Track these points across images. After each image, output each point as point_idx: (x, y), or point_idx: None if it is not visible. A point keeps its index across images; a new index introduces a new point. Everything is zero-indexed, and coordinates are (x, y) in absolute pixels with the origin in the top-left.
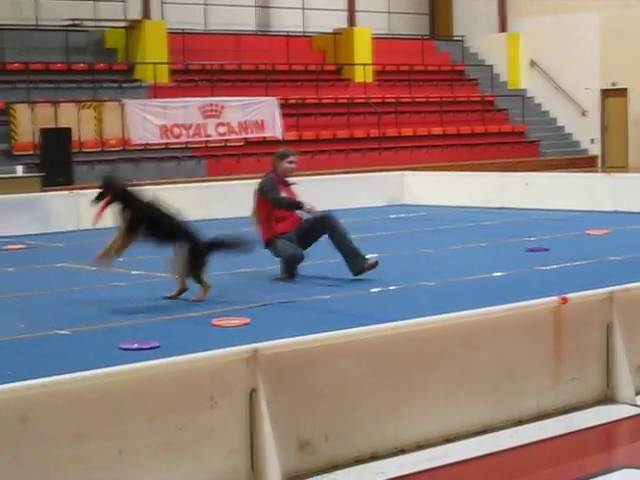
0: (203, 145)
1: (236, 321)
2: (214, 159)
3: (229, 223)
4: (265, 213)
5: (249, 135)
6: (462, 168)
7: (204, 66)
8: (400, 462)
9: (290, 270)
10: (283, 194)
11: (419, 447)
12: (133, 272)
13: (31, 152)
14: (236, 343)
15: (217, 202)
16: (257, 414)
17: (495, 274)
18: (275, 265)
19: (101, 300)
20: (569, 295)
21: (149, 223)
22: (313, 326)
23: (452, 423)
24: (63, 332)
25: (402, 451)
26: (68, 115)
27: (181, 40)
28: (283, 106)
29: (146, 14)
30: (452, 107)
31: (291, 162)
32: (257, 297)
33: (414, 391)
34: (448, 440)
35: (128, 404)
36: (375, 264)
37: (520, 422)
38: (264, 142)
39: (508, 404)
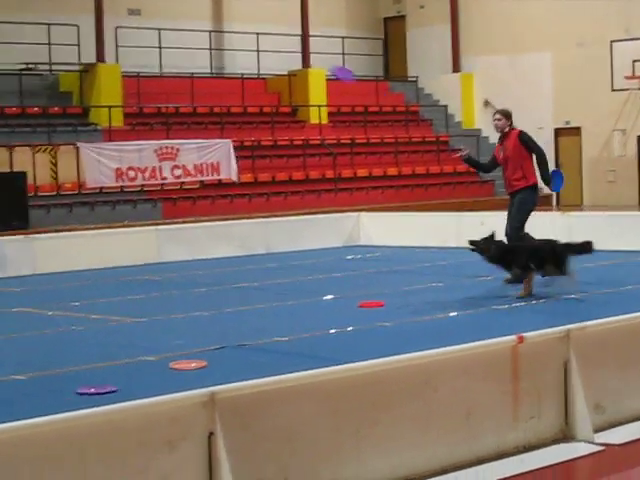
0: (159, 188)
1: (193, 364)
2: (170, 202)
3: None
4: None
5: (204, 177)
6: (418, 208)
7: (159, 109)
8: None
9: None
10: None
11: None
12: (92, 316)
13: None
14: (194, 386)
15: (173, 245)
16: (216, 457)
17: (452, 314)
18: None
19: (58, 345)
20: (526, 334)
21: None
22: (271, 368)
23: (413, 463)
24: (19, 377)
25: None
26: (23, 159)
27: (136, 83)
28: (238, 148)
29: (100, 57)
30: (407, 147)
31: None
32: (214, 340)
33: (374, 432)
34: None
35: (87, 449)
36: None
37: (480, 461)
38: (219, 184)
39: (468, 444)
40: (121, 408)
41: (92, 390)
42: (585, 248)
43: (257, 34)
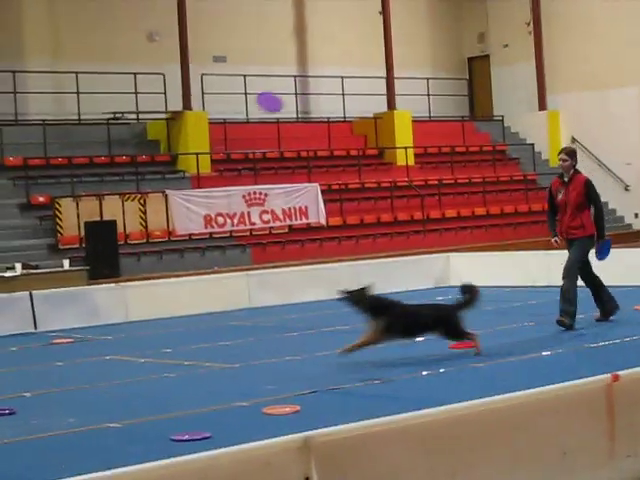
0: (247, 233)
1: (286, 409)
2: (259, 247)
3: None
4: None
5: (293, 222)
6: (507, 248)
7: (246, 155)
8: None
9: None
10: (560, 194)
11: None
12: (185, 363)
13: (77, 246)
14: (287, 431)
15: (263, 290)
16: None
17: (544, 353)
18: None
19: (151, 392)
20: (620, 372)
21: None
22: (364, 411)
23: None
24: (113, 425)
25: None
26: (112, 208)
27: (222, 130)
28: (326, 192)
29: (187, 105)
30: (495, 187)
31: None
32: (306, 384)
33: (471, 474)
34: None
35: None
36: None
37: None
38: (308, 228)
39: None
40: (215, 455)
41: (186, 437)
42: (470, 299)
43: (342, 77)
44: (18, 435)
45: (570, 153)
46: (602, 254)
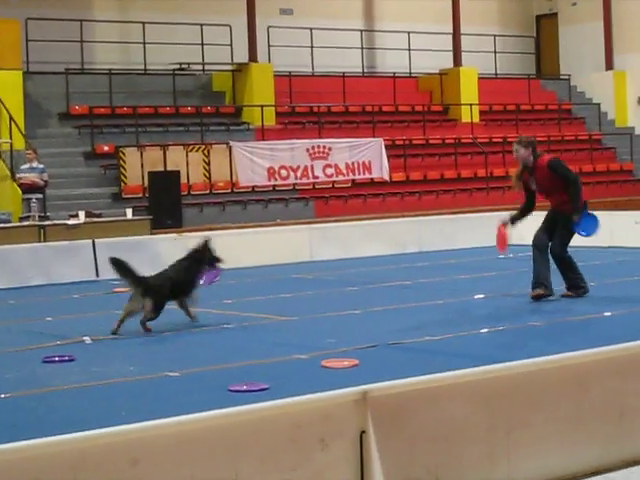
0: (311, 187)
1: (345, 363)
2: (322, 200)
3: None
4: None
5: (356, 176)
6: None
7: (311, 108)
8: None
9: None
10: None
11: None
12: (244, 314)
13: (140, 195)
14: (345, 385)
15: (325, 243)
16: (367, 456)
17: (605, 313)
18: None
19: (211, 342)
20: None
21: None
22: (423, 367)
23: (565, 465)
24: (173, 374)
25: None
26: (176, 158)
27: (288, 82)
28: (390, 147)
29: (252, 57)
30: (559, 146)
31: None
32: (366, 338)
33: (526, 433)
34: None
35: (241, 445)
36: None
37: (634, 463)
38: (371, 183)
39: (621, 445)
40: (273, 406)
41: (244, 387)
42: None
43: (408, 33)
44: (78, 381)
45: (522, 142)
46: (586, 230)
